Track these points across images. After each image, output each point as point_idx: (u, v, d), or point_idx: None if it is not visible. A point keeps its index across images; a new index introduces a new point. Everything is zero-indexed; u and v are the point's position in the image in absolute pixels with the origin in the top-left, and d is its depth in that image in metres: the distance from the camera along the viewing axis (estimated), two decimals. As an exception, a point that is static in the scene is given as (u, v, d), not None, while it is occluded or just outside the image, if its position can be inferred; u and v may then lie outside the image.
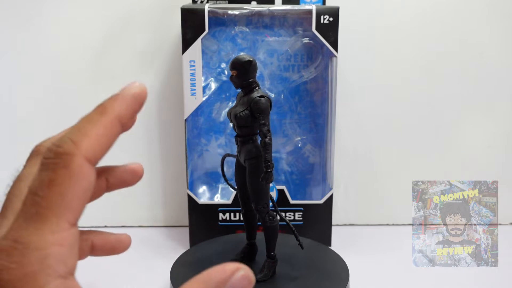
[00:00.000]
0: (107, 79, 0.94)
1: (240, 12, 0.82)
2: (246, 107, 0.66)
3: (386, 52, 0.94)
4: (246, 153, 0.68)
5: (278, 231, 0.70)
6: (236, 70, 0.67)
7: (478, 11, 0.93)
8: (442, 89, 0.95)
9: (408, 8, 0.92)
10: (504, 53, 0.94)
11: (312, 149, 0.91)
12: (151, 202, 0.99)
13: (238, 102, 0.69)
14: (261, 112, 0.65)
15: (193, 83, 0.83)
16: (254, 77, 0.68)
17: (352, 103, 0.95)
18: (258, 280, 0.69)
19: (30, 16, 0.91)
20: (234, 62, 0.67)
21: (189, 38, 0.81)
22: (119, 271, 0.81)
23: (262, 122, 0.65)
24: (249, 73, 0.67)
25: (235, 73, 0.67)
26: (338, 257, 0.77)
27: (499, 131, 0.97)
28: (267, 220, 0.69)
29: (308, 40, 0.85)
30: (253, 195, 0.69)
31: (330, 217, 0.89)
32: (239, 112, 0.67)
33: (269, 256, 0.71)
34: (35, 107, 0.95)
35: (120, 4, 0.92)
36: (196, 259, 0.76)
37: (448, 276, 0.79)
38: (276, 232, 0.70)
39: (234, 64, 0.67)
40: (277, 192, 0.87)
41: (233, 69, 0.67)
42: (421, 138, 0.97)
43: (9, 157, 0.97)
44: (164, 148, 0.97)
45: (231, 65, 0.67)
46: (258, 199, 0.69)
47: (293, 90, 0.88)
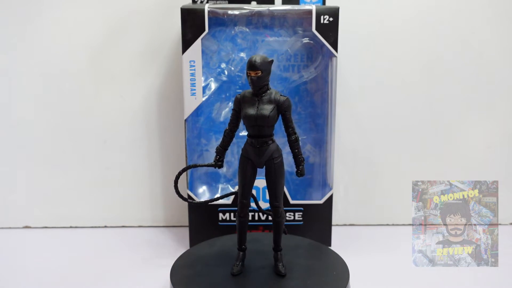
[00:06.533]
0: (107, 79, 0.94)
1: (240, 12, 0.82)
2: (273, 107, 0.67)
3: (386, 52, 0.94)
4: (271, 153, 0.68)
5: None
6: (260, 71, 0.66)
7: (479, 11, 0.93)
8: (442, 89, 0.95)
9: (408, 8, 0.92)
10: (504, 53, 0.94)
11: (312, 149, 0.91)
12: (151, 202, 0.99)
13: (256, 104, 0.67)
14: (289, 110, 0.68)
15: (193, 83, 0.83)
16: None
17: (352, 103, 0.95)
18: (285, 273, 0.71)
19: (29, 16, 0.91)
20: (257, 63, 0.65)
21: (189, 38, 0.81)
22: (119, 271, 0.81)
23: (291, 120, 0.68)
24: (269, 73, 0.67)
25: (259, 73, 0.66)
26: (338, 257, 0.77)
27: (499, 131, 0.97)
28: (281, 214, 0.71)
29: (308, 40, 0.85)
30: (277, 192, 0.70)
31: (330, 217, 0.89)
32: (270, 113, 0.66)
33: (279, 250, 0.73)
34: (35, 107, 0.95)
35: (120, 4, 0.92)
36: (196, 259, 0.76)
37: (448, 276, 0.79)
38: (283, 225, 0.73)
39: (258, 64, 0.65)
40: (277, 192, 0.87)
41: (257, 70, 0.65)
42: (421, 138, 0.97)
43: (9, 157, 0.97)
44: (164, 148, 0.97)
45: (253, 66, 0.65)
46: (280, 196, 0.70)
47: (293, 90, 0.88)
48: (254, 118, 0.67)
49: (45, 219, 0.99)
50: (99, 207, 0.99)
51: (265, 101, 0.67)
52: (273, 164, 0.69)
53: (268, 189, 0.70)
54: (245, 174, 0.70)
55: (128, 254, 0.88)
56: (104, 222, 1.00)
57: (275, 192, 0.70)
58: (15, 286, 0.77)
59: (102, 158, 0.97)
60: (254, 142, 0.68)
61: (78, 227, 0.99)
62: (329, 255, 0.78)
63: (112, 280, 0.79)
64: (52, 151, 0.97)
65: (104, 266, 0.84)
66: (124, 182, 0.98)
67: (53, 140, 0.96)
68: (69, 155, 0.97)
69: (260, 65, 0.65)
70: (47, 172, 0.97)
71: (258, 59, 0.66)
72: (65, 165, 0.97)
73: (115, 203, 0.99)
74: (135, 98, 0.95)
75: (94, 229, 0.99)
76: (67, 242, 0.93)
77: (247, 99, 0.68)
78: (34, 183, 0.98)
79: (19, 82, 0.94)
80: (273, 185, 0.70)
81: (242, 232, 0.73)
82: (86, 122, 0.96)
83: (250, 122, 0.67)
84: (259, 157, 0.69)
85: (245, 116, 0.68)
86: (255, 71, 0.65)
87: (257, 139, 0.68)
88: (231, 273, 0.71)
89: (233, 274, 0.71)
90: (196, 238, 0.88)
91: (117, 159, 0.97)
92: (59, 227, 0.99)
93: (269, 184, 0.70)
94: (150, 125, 0.96)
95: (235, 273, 0.71)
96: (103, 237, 0.95)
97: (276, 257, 0.72)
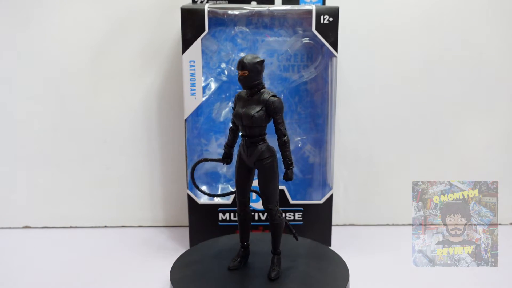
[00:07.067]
0: (107, 79, 0.94)
1: (240, 12, 0.82)
2: (261, 107, 0.66)
3: (386, 52, 0.94)
4: (259, 153, 0.68)
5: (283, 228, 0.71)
6: (247, 71, 0.66)
7: (479, 11, 0.93)
8: (442, 89, 0.95)
9: (408, 8, 0.92)
10: (504, 53, 0.94)
11: (312, 149, 0.91)
12: (151, 202, 0.99)
13: (246, 103, 0.68)
14: (278, 111, 0.66)
15: (193, 83, 0.83)
16: (262, 77, 0.68)
17: (352, 103, 0.95)
18: (274, 279, 0.70)
19: (29, 16, 0.91)
20: (245, 63, 0.66)
21: (189, 38, 0.81)
22: (119, 271, 0.81)
23: (280, 121, 0.67)
24: (259, 74, 0.67)
25: (246, 73, 0.66)
26: (338, 257, 0.77)
27: (499, 131, 0.97)
28: (277, 217, 0.70)
29: (308, 40, 0.85)
30: (267, 194, 0.69)
31: (330, 217, 0.89)
32: (254, 113, 0.66)
33: (277, 253, 0.72)
34: (35, 107, 0.95)
35: (120, 4, 0.92)
36: (196, 259, 0.76)
37: (448, 276, 0.79)
38: (282, 228, 0.71)
39: (245, 64, 0.66)
40: (277, 192, 0.87)
41: (244, 70, 0.66)
42: (421, 138, 0.97)
43: (9, 157, 0.97)
44: (164, 148, 0.97)
45: (241, 66, 0.66)
46: (271, 198, 0.69)
47: (293, 90, 0.88)
48: (240, 117, 0.67)
49: (45, 219, 0.99)
50: (99, 207, 0.99)
51: (255, 101, 0.67)
52: (262, 165, 0.68)
53: (259, 190, 0.70)
54: (239, 173, 0.71)
55: (128, 254, 0.88)
56: (104, 222, 1.00)
57: (265, 194, 0.69)
58: (15, 286, 0.77)
59: (102, 158, 0.97)
60: (244, 141, 0.69)
61: (78, 227, 0.99)
62: (329, 255, 0.78)
63: (112, 280, 0.79)
64: (52, 151, 0.97)
65: (104, 266, 0.84)
66: (124, 182, 0.98)
67: (53, 140, 0.96)
68: (69, 155, 0.97)
69: (247, 65, 0.66)
70: (47, 172, 0.97)
71: (246, 59, 0.66)
72: (65, 165, 0.97)
73: (115, 203, 0.99)
74: (135, 98, 0.95)
75: (94, 229, 0.99)
76: (67, 242, 0.93)
77: (241, 98, 0.69)
78: (34, 183, 0.98)
79: (19, 83, 0.94)
80: (262, 186, 0.69)
81: (241, 229, 0.74)
82: (86, 122, 0.96)
83: (237, 121, 0.68)
84: (248, 157, 0.69)
85: (234, 115, 0.69)
86: (242, 71, 0.66)
87: (246, 138, 0.68)
88: (228, 268, 0.72)
89: (229, 269, 0.72)
90: (196, 238, 0.88)
91: (117, 159, 0.97)
92: (59, 227, 0.99)
93: (259, 185, 0.69)
94: (150, 125, 0.96)
95: (230, 267, 0.72)
96: (103, 237, 0.95)
97: (272, 260, 0.72)
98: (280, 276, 0.70)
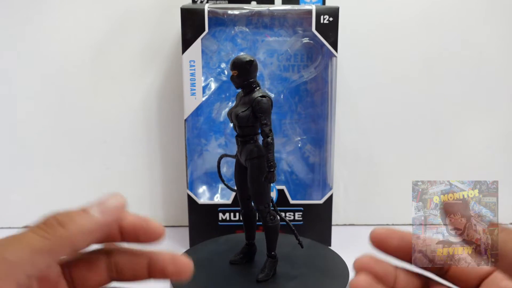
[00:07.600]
0: (107, 79, 0.94)
1: (240, 12, 0.82)
2: (248, 107, 0.66)
3: (386, 52, 0.94)
4: (247, 153, 0.68)
5: (278, 231, 0.71)
6: (236, 70, 0.66)
7: (478, 11, 0.93)
8: (442, 89, 0.95)
9: (408, 8, 0.92)
10: (504, 53, 0.94)
11: (312, 149, 0.91)
12: (151, 202, 0.99)
13: (239, 102, 0.69)
14: (263, 112, 0.65)
15: (193, 83, 0.83)
16: (254, 77, 0.68)
17: (352, 103, 0.95)
18: (260, 280, 0.69)
19: (29, 16, 0.91)
20: (234, 62, 0.67)
21: (189, 38, 0.81)
22: (119, 271, 0.81)
23: (264, 122, 0.65)
24: (250, 73, 0.67)
25: (235, 73, 0.67)
26: (338, 257, 0.77)
27: (499, 131, 0.97)
28: (268, 219, 0.69)
29: (308, 40, 0.85)
30: (255, 195, 0.69)
31: (330, 217, 0.89)
32: (240, 112, 0.66)
33: (270, 256, 0.71)
34: (35, 107, 0.95)
35: (120, 4, 0.92)
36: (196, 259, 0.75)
37: (448, 276, 0.79)
38: (277, 232, 0.70)
39: (234, 64, 0.67)
40: (277, 192, 0.87)
41: (234, 69, 0.67)
42: (421, 138, 0.97)
43: (9, 157, 0.97)
44: (164, 148, 0.97)
45: (231, 65, 0.67)
46: (260, 199, 0.69)
47: (293, 90, 0.88)
48: (230, 117, 0.69)
49: (45, 219, 0.99)
50: (99, 207, 0.99)
51: (245, 100, 0.67)
52: (250, 164, 0.68)
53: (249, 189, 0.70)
54: (236, 171, 0.72)
55: (128, 254, 0.88)
56: (104, 222, 0.99)
57: (252, 193, 0.69)
58: (15, 286, 0.77)
59: (102, 158, 0.97)
60: (236, 140, 0.70)
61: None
62: (329, 255, 0.78)
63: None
64: (52, 151, 0.96)
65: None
66: (124, 182, 0.98)
67: (53, 140, 0.96)
68: (69, 155, 0.97)
69: (236, 65, 0.67)
70: (47, 172, 0.97)
71: (236, 58, 0.67)
72: (65, 165, 0.97)
73: (115, 203, 0.99)
74: (135, 98, 0.95)
75: (94, 229, 0.99)
76: (67, 242, 0.93)
77: (237, 97, 0.70)
78: (34, 183, 0.98)
79: (19, 83, 0.94)
80: (249, 185, 0.69)
81: (246, 226, 0.74)
82: (86, 122, 0.96)
83: (229, 120, 0.70)
84: (240, 156, 0.70)
85: (227, 114, 0.70)
86: (232, 70, 0.67)
87: (237, 137, 0.70)
88: (229, 261, 0.74)
89: (230, 262, 0.74)
90: (196, 238, 0.88)
91: (117, 159, 0.97)
92: (59, 227, 0.99)
93: (248, 183, 0.70)
94: (150, 125, 0.96)
95: (231, 261, 0.74)
96: (103, 237, 0.95)
97: (265, 262, 0.71)
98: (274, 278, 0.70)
